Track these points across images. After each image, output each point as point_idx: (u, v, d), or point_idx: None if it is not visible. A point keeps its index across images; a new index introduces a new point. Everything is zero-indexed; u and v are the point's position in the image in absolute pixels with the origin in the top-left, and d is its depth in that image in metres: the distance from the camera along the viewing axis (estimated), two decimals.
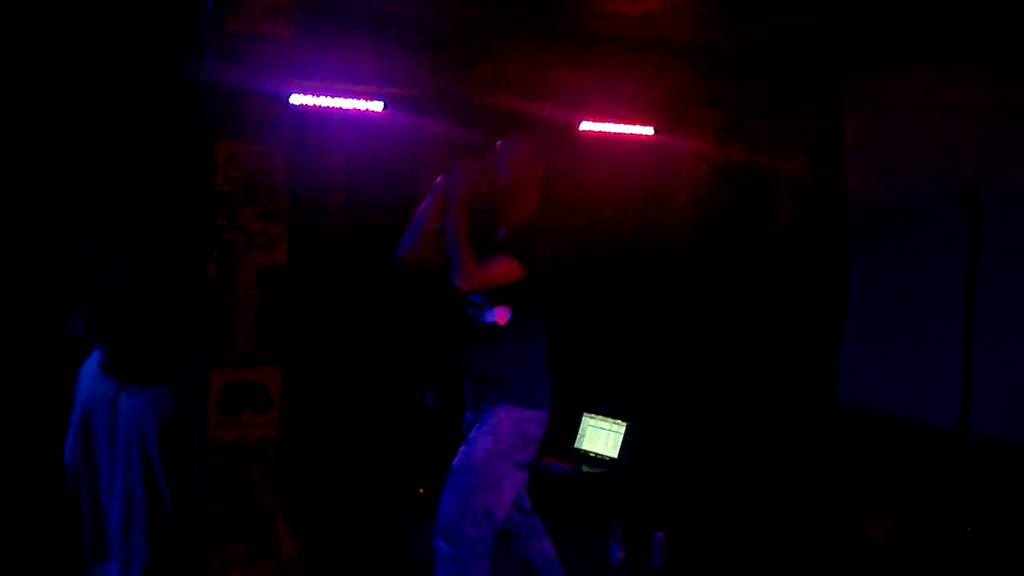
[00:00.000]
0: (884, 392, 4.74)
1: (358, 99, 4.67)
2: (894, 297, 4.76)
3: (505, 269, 3.38)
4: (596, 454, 5.12)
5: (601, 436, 5.16)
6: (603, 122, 5.22)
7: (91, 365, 2.10)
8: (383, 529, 4.83)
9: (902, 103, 4.72)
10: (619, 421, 5.12)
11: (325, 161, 5.25)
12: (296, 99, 4.42)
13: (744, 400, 5.21)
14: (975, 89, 4.28)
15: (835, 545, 4.33)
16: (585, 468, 5.06)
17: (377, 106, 4.72)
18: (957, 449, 3.73)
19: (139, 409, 1.97)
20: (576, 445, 5.20)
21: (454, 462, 3.50)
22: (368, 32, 4.33)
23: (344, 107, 4.65)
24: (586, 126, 5.19)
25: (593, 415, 5.23)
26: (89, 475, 2.07)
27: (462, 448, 3.52)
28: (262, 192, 1.78)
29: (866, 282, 4.93)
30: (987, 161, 4.20)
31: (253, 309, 1.77)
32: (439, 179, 3.53)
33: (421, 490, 5.16)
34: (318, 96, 4.54)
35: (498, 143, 3.58)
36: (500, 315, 3.48)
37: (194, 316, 1.83)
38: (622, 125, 5.27)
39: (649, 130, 5.34)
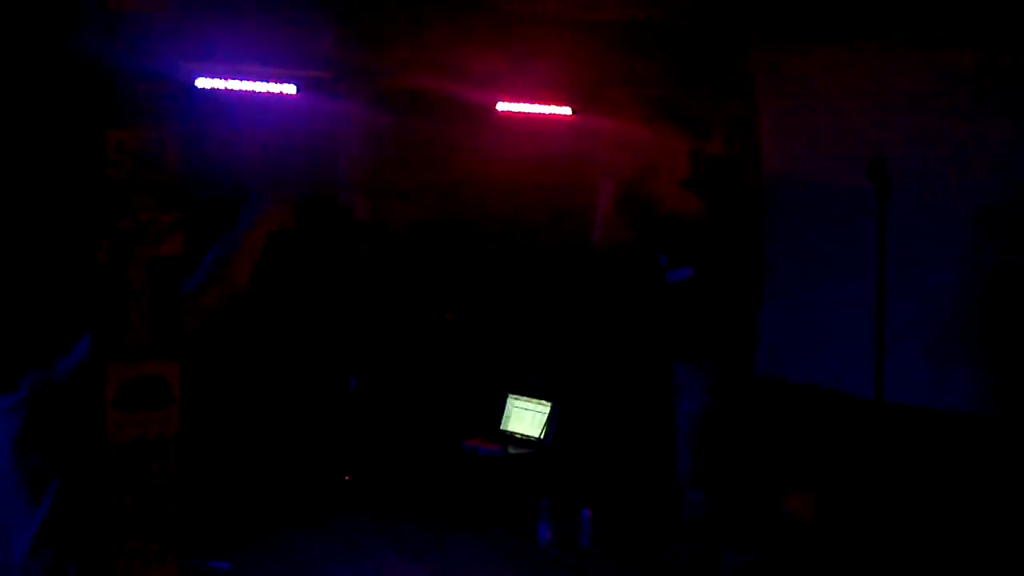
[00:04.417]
0: (799, 362, 4.81)
1: (269, 81, 4.56)
2: (808, 268, 4.83)
3: None
4: (522, 435, 5.12)
5: (526, 417, 5.15)
6: (520, 102, 5.19)
7: None
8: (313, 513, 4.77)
9: (811, 81, 4.77)
10: (543, 401, 5.11)
11: (239, 145, 5.13)
12: (203, 83, 4.29)
13: (662, 375, 5.24)
14: (879, 71, 4.37)
15: (757, 518, 4.40)
16: (511, 449, 5.05)
17: (290, 88, 4.62)
18: (872, 418, 3.80)
19: None
20: (502, 427, 5.19)
21: None
22: (276, 11, 4.22)
23: (256, 90, 4.54)
24: (503, 106, 5.15)
25: (518, 396, 5.22)
26: None
27: None
28: (154, 180, 1.69)
29: (781, 255, 4.99)
30: (892, 140, 4.29)
31: (148, 301, 1.69)
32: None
33: (347, 476, 5.12)
34: (227, 79, 4.42)
35: None
36: None
37: (86, 309, 1.76)
38: (539, 105, 5.24)
39: (567, 110, 5.32)
